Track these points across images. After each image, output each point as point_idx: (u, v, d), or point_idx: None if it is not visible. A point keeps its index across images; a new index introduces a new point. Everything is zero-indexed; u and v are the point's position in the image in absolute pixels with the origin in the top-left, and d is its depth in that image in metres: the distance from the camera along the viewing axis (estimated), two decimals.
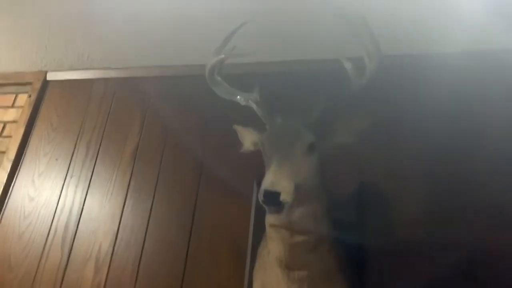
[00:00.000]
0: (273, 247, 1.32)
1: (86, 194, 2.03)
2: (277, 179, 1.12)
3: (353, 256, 1.49)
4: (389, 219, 1.63)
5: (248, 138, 1.46)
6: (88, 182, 2.06)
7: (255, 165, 1.79)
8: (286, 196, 1.10)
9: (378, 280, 1.53)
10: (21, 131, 2.26)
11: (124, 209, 1.94)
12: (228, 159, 1.89)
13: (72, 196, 2.05)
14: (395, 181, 1.67)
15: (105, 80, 2.31)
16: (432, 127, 1.72)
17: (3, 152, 2.25)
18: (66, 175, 2.11)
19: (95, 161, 2.10)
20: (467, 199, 1.58)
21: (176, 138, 2.04)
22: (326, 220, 1.33)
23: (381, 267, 1.55)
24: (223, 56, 1.43)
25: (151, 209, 1.91)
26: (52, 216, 2.02)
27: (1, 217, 2.10)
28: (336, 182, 1.38)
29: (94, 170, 2.08)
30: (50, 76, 2.41)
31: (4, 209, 2.11)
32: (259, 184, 1.73)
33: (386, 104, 1.76)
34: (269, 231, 1.34)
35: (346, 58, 1.31)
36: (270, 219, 1.29)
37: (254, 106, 1.39)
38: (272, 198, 1.09)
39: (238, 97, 1.44)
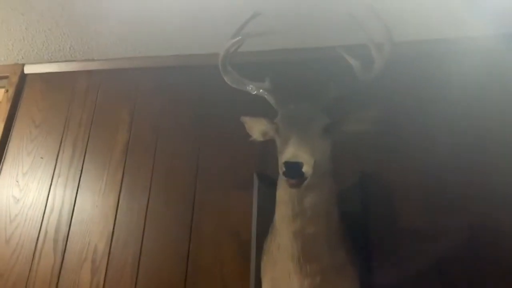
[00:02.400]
0: (283, 241, 1.29)
1: (77, 194, 1.94)
2: (298, 151, 1.10)
3: (361, 248, 1.48)
4: (392, 209, 1.63)
5: (258, 128, 1.43)
6: (77, 181, 1.97)
7: (255, 157, 1.78)
8: (307, 168, 1.09)
9: (385, 270, 1.53)
10: (0, 128, 2.13)
11: (119, 208, 1.86)
12: (226, 151, 1.86)
13: (61, 196, 1.96)
14: (396, 170, 1.67)
15: (89, 72, 2.20)
16: (435, 115, 1.71)
17: None
18: (53, 174, 2.01)
19: (84, 159, 2.01)
20: (469, 186, 1.59)
21: (169, 131, 1.97)
22: (336, 210, 1.32)
23: (387, 259, 1.55)
24: (240, 37, 1.38)
25: (147, 206, 1.84)
26: (41, 218, 1.93)
27: None
28: (337, 174, 1.34)
29: (83, 168, 1.99)
30: (28, 69, 2.28)
31: None
32: (259, 176, 1.73)
33: (387, 92, 1.74)
34: (279, 223, 1.31)
35: (358, 45, 1.28)
36: (281, 209, 1.27)
37: (265, 94, 1.37)
38: (294, 169, 1.08)
39: (249, 86, 1.41)
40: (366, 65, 1.30)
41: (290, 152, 1.11)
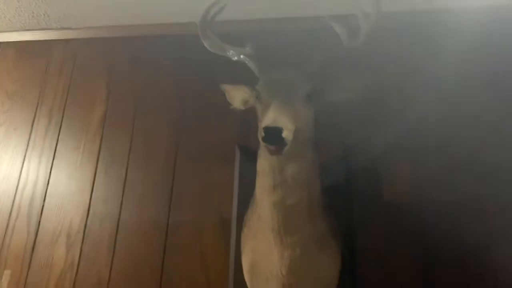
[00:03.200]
0: (264, 212, 1.25)
1: (52, 166, 1.87)
2: (278, 116, 1.05)
3: (343, 222, 1.45)
4: (377, 182, 1.60)
5: (239, 96, 1.37)
6: (53, 152, 1.89)
7: (237, 129, 1.73)
8: (288, 133, 1.04)
9: (369, 246, 1.49)
10: None
11: (96, 180, 1.80)
12: (207, 123, 1.80)
13: (35, 168, 1.89)
14: (381, 143, 1.62)
15: (65, 41, 2.11)
16: (422, 87, 1.67)
17: None
18: (28, 146, 1.94)
19: (59, 130, 1.94)
20: (456, 160, 1.56)
21: (148, 101, 1.91)
22: (318, 181, 1.28)
23: (371, 232, 1.52)
24: None
25: (125, 178, 1.78)
26: (14, 191, 1.86)
27: None
28: (321, 146, 1.30)
29: (59, 139, 1.92)
30: (1, 38, 2.18)
31: None
32: (241, 149, 1.68)
33: (374, 62, 1.69)
34: (259, 194, 1.26)
35: (342, 15, 1.25)
36: (261, 179, 1.22)
37: (246, 60, 1.31)
38: (274, 134, 1.02)
39: (230, 52, 1.34)
40: (352, 32, 1.25)
41: (270, 117, 1.06)
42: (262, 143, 1.07)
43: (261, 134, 1.04)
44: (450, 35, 1.71)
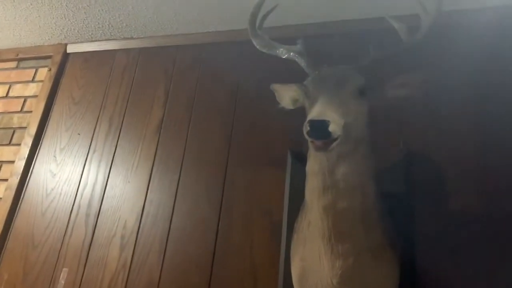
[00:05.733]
0: (314, 217, 1.18)
1: (110, 169, 1.93)
2: (325, 110, 0.99)
3: (403, 231, 1.33)
4: (440, 189, 1.47)
5: (288, 95, 1.33)
6: (111, 157, 1.96)
7: (289, 134, 1.68)
8: (335, 127, 0.97)
9: (431, 261, 1.38)
10: (41, 105, 2.18)
11: (150, 184, 1.83)
12: (260, 128, 1.78)
13: (95, 171, 1.96)
14: (445, 148, 1.51)
15: (127, 50, 2.20)
16: (487, 88, 1.54)
17: (24, 128, 2.17)
18: (89, 149, 2.02)
19: (119, 135, 2.00)
20: None
21: (203, 107, 1.92)
22: (373, 186, 1.18)
23: (433, 243, 1.40)
24: None
25: (178, 182, 1.79)
26: (75, 193, 1.94)
27: (24, 193, 2.02)
28: (379, 151, 1.21)
29: (118, 144, 1.98)
30: (71, 49, 2.32)
31: (27, 185, 2.04)
32: (293, 154, 1.63)
33: (435, 64, 1.59)
34: (309, 198, 1.19)
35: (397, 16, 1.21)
36: (311, 181, 1.16)
37: (296, 57, 1.27)
38: (319, 128, 0.95)
39: (280, 50, 1.31)
40: (411, 29, 1.20)
41: (316, 110, 1.00)
42: (307, 138, 1.01)
43: (306, 128, 0.98)
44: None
